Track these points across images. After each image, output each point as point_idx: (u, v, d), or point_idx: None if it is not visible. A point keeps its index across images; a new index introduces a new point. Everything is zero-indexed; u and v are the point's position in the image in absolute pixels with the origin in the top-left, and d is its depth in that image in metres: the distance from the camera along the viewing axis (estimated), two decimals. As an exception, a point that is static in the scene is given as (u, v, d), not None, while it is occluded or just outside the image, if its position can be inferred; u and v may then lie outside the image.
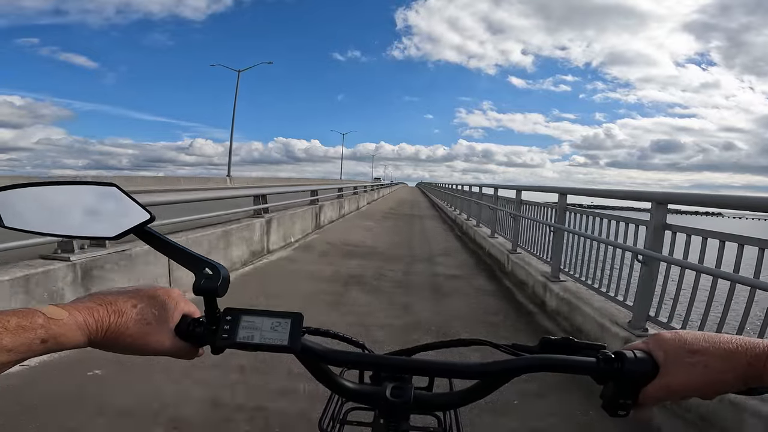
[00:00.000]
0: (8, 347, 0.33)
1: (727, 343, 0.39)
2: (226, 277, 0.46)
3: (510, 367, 0.45)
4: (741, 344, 0.39)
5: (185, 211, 4.21)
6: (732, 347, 0.39)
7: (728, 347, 0.39)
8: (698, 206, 2.41)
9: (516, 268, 4.64)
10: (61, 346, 0.36)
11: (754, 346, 0.38)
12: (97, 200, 0.48)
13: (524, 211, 5.03)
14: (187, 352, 0.46)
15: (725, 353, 0.38)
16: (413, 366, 0.49)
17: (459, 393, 0.49)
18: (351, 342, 0.59)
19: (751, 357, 0.38)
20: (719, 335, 0.40)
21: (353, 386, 0.51)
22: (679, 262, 2.24)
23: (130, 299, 0.42)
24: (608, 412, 0.43)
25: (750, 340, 0.39)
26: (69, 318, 0.37)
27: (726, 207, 2.34)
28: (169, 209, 3.87)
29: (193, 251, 0.47)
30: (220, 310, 0.46)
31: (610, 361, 0.42)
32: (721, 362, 0.38)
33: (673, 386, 0.40)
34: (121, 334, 0.41)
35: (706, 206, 2.41)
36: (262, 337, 0.44)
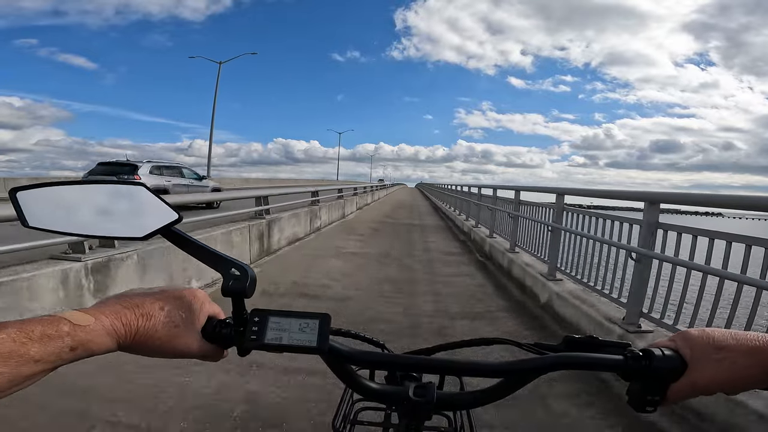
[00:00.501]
0: (36, 357, 0.32)
1: (754, 340, 0.40)
2: (254, 278, 0.46)
3: (536, 365, 0.45)
4: (767, 341, 0.40)
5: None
6: (758, 344, 0.40)
7: (754, 344, 0.40)
8: (691, 206, 2.48)
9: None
10: (91, 353, 0.36)
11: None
12: (124, 200, 0.48)
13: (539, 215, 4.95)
14: (213, 353, 0.46)
15: (751, 350, 0.40)
16: (437, 365, 0.50)
17: (480, 392, 0.49)
18: (371, 342, 0.60)
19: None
20: (745, 333, 0.41)
21: (377, 387, 0.51)
22: (671, 259, 2.32)
23: (157, 301, 0.42)
24: (635, 408, 0.43)
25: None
26: (96, 323, 0.36)
27: (718, 206, 2.41)
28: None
29: (220, 252, 0.47)
30: (248, 312, 0.46)
31: (637, 359, 0.43)
32: (748, 358, 0.39)
33: (701, 382, 0.41)
34: (149, 338, 0.40)
35: (698, 206, 2.48)
36: (291, 338, 0.44)
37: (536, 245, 4.55)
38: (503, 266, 5.13)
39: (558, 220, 3.81)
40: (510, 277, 4.73)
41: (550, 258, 3.83)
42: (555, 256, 3.78)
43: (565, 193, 3.80)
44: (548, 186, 5.86)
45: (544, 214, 4.41)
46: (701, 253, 2.21)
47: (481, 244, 6.80)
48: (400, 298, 3.87)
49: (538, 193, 5.01)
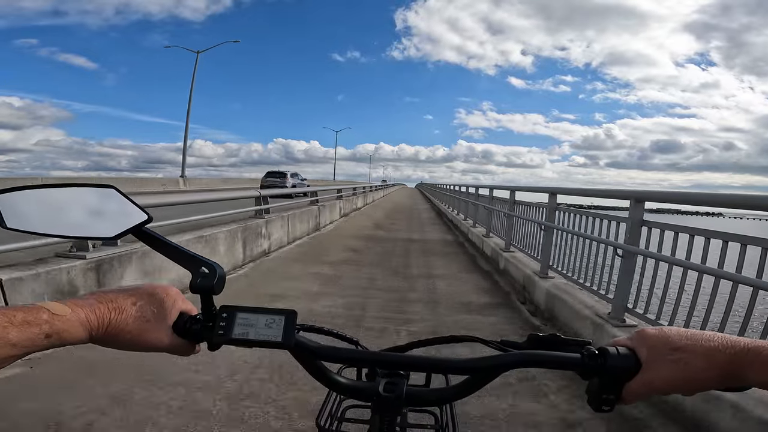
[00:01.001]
0: (13, 341, 0.34)
1: (709, 340, 0.40)
2: (222, 276, 0.48)
3: (498, 362, 0.47)
4: (722, 342, 0.40)
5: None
6: (713, 345, 0.39)
7: (710, 345, 0.40)
8: (692, 206, 2.48)
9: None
10: (64, 342, 0.38)
11: (735, 344, 0.39)
12: (96, 201, 0.50)
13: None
14: (184, 348, 0.47)
15: (707, 351, 0.39)
16: (405, 362, 0.51)
17: (450, 388, 0.51)
18: (345, 339, 0.61)
19: (732, 355, 0.39)
20: (702, 332, 0.41)
21: (347, 382, 0.52)
22: (654, 254, 2.41)
23: (129, 297, 0.44)
24: (593, 407, 0.44)
25: (731, 338, 0.40)
26: (72, 314, 0.38)
27: (704, 204, 2.47)
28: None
29: (190, 251, 0.49)
30: (217, 308, 0.47)
31: (593, 357, 0.44)
32: (703, 360, 0.39)
33: (655, 382, 0.41)
34: (120, 331, 0.42)
35: (684, 204, 2.57)
36: (257, 333, 0.45)
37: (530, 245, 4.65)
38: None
39: (550, 218, 3.90)
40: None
41: (450, 205, 4.96)
42: (547, 254, 3.87)
43: (557, 193, 3.90)
44: (547, 186, 6.09)
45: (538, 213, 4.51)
46: (693, 252, 2.26)
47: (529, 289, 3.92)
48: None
49: (540, 194, 4.93)
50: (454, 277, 4.89)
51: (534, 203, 4.68)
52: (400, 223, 11.23)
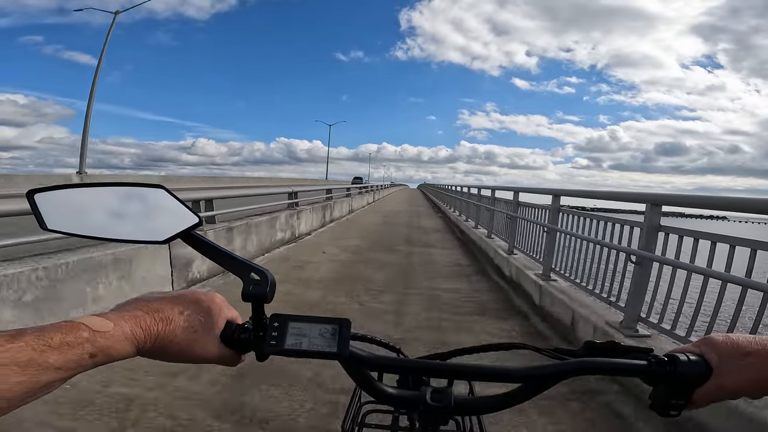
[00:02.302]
0: (55, 365, 0.31)
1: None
2: (274, 283, 0.46)
3: (555, 371, 0.45)
4: None
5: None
6: None
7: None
8: (695, 209, 2.37)
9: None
10: (111, 359, 0.35)
11: None
12: (144, 202, 0.47)
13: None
14: (231, 359, 0.45)
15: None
16: (456, 370, 0.49)
17: (499, 397, 0.48)
18: (387, 347, 0.60)
19: None
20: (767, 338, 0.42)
21: (393, 391, 0.50)
22: (672, 261, 2.24)
23: (176, 305, 0.41)
24: (659, 412, 0.44)
25: None
26: (115, 329, 0.36)
27: (722, 209, 2.33)
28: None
29: (240, 257, 0.47)
30: (267, 316, 0.46)
31: (662, 364, 0.43)
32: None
33: (727, 387, 0.41)
34: (169, 343, 0.40)
35: (702, 208, 2.40)
36: (311, 343, 0.43)
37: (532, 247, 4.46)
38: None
39: (553, 221, 3.76)
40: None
41: (545, 259, 3.82)
42: (550, 256, 3.74)
43: (562, 194, 3.77)
44: (550, 188, 5.71)
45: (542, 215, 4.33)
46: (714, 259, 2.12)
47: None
48: None
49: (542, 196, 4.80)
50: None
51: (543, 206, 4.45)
52: (397, 256, 6.14)
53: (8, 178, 12.24)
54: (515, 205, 5.20)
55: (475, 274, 5.22)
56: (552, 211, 3.82)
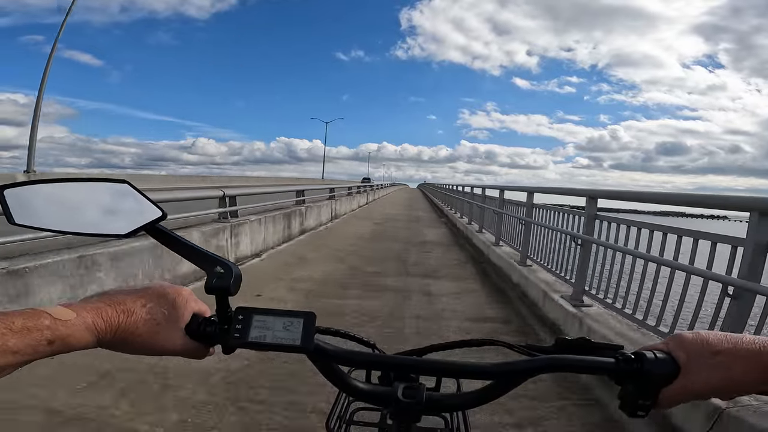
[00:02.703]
0: (13, 349, 0.32)
1: (751, 343, 0.39)
2: (239, 276, 0.46)
3: (526, 367, 0.45)
4: (764, 345, 0.39)
5: None
6: (755, 348, 0.39)
7: (752, 348, 0.39)
8: (697, 209, 2.41)
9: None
10: (69, 347, 0.36)
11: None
12: (108, 197, 0.48)
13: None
14: (198, 351, 0.46)
15: (748, 354, 0.39)
16: (427, 366, 0.49)
17: (471, 394, 0.49)
18: (362, 342, 0.59)
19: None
20: (741, 336, 0.40)
21: (365, 387, 0.51)
22: (605, 243, 2.80)
23: (139, 298, 0.43)
24: (626, 412, 0.43)
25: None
26: (77, 318, 0.37)
27: (653, 202, 2.83)
28: None
29: (204, 249, 0.48)
30: (232, 309, 0.46)
31: (629, 362, 0.42)
32: (743, 363, 0.39)
33: (695, 387, 0.40)
34: (130, 334, 0.41)
35: (632, 201, 2.96)
36: (275, 336, 0.44)
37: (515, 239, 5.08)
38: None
39: (528, 215, 4.44)
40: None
41: (522, 248, 4.50)
42: (526, 246, 4.39)
43: (534, 191, 4.49)
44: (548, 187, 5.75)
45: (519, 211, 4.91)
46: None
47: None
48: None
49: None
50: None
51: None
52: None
53: (10, 178, 12.32)
54: (529, 208, 4.47)
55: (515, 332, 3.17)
56: (527, 207, 4.44)
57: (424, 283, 4.47)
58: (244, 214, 5.53)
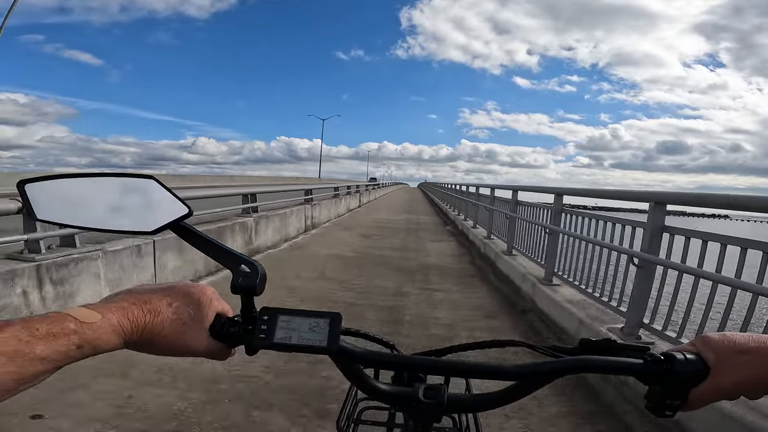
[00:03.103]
0: (41, 356, 0.31)
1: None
2: (264, 275, 0.45)
3: (552, 368, 0.44)
4: None
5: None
6: None
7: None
8: (696, 207, 2.25)
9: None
10: (97, 350, 0.35)
11: None
12: (134, 193, 0.47)
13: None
14: (221, 352, 0.45)
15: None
16: (450, 367, 0.48)
17: (492, 394, 0.48)
18: (381, 342, 0.59)
19: None
20: (766, 336, 0.40)
21: (386, 388, 0.49)
22: (678, 265, 2.09)
23: (165, 297, 0.41)
24: (654, 412, 0.43)
25: None
26: (102, 320, 0.35)
27: (726, 207, 2.20)
28: None
29: (230, 248, 0.46)
30: (257, 310, 0.45)
31: (658, 363, 0.42)
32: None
33: (725, 386, 0.40)
34: (156, 335, 0.39)
35: (706, 207, 2.26)
36: (300, 337, 0.43)
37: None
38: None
39: (513, 210, 4.80)
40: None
41: (508, 239, 4.90)
42: (511, 238, 4.79)
43: (519, 190, 4.88)
44: (547, 186, 5.26)
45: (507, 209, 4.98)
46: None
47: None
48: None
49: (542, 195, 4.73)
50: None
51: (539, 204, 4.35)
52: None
53: (10, 177, 12.35)
54: (558, 213, 3.58)
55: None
56: (512, 204, 4.73)
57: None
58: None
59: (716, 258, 1.95)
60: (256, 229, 5.57)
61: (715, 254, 1.96)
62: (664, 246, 2.27)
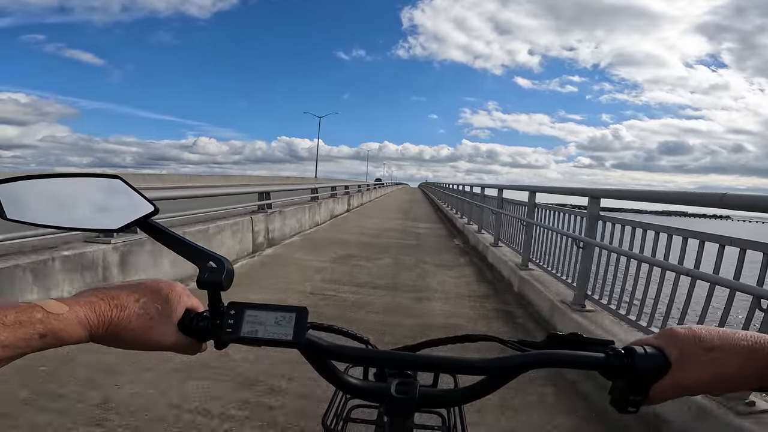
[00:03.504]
0: (4, 343, 0.32)
1: (743, 340, 0.39)
2: (231, 271, 0.46)
3: (517, 363, 0.45)
4: (760, 342, 0.38)
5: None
6: (750, 344, 0.38)
7: (746, 344, 0.38)
8: (699, 207, 2.23)
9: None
10: (61, 341, 0.36)
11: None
12: (101, 192, 0.49)
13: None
14: (190, 347, 0.46)
15: (743, 350, 0.38)
16: (418, 362, 0.49)
17: (464, 389, 0.49)
18: (355, 338, 0.59)
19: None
20: (735, 331, 0.40)
21: (358, 383, 0.51)
22: (607, 246, 2.66)
23: (132, 293, 0.42)
24: (617, 407, 0.42)
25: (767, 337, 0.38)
26: (69, 312, 0.37)
27: (660, 202, 2.67)
28: None
29: (196, 244, 0.48)
30: (224, 305, 0.46)
31: (619, 357, 0.42)
32: (738, 359, 0.38)
33: (686, 382, 0.39)
34: (123, 329, 0.41)
35: (637, 201, 2.82)
36: (266, 331, 0.44)
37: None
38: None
39: (500, 206, 5.50)
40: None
41: (494, 232, 5.61)
42: (497, 232, 5.51)
43: (504, 188, 5.53)
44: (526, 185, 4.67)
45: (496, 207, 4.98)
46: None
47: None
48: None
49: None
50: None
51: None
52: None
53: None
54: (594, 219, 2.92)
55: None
56: (497, 201, 5.51)
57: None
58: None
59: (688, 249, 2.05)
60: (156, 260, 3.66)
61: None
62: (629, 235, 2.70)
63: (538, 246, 3.94)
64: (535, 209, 4.10)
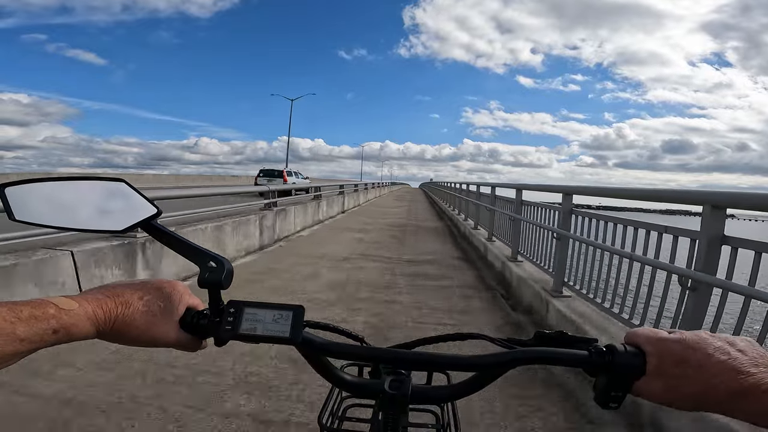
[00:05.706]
0: (21, 337, 0.34)
1: (722, 353, 0.36)
2: (230, 270, 0.48)
3: (504, 359, 0.46)
4: (736, 359, 0.35)
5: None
6: (722, 359, 0.36)
7: (719, 360, 0.36)
8: (602, 198, 2.85)
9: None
10: (71, 337, 0.38)
11: (753, 365, 0.35)
12: (105, 195, 0.50)
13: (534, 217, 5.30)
14: (191, 344, 0.47)
15: (715, 365, 0.36)
16: (410, 359, 0.50)
17: (455, 386, 0.51)
18: (350, 336, 0.60)
19: (745, 381, 0.34)
20: (713, 342, 0.37)
21: (353, 380, 0.53)
22: (581, 238, 2.97)
23: (136, 291, 0.44)
24: (599, 403, 0.43)
25: (757, 349, 0.36)
26: (79, 309, 0.38)
27: (630, 198, 2.98)
28: None
29: (197, 245, 0.49)
30: (224, 303, 0.47)
31: (601, 355, 0.43)
32: (701, 382, 0.36)
33: (656, 390, 0.39)
34: (127, 326, 0.42)
35: (608, 197, 3.12)
36: (265, 328, 0.45)
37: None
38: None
39: (492, 203, 5.79)
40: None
41: (488, 228, 5.92)
42: (491, 227, 5.84)
43: (497, 186, 5.77)
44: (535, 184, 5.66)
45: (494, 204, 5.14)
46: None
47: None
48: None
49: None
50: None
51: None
52: None
53: (11, 178, 12.63)
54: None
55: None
56: (491, 198, 5.49)
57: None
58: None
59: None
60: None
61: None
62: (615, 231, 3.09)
63: (525, 239, 4.31)
64: (522, 206, 4.45)
